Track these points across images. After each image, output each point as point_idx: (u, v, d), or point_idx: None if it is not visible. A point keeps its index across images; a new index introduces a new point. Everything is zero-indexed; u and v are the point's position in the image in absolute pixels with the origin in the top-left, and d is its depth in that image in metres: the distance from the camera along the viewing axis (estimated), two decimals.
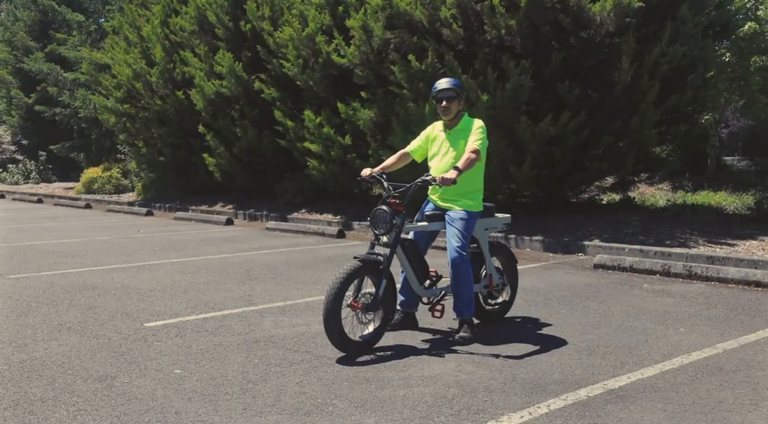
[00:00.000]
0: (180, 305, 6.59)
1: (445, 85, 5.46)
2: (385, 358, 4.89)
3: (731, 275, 7.38)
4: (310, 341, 5.31)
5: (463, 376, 4.45)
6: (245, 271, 8.49)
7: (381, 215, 5.12)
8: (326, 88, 13.30)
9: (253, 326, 5.81)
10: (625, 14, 9.65)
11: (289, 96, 14.29)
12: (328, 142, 13.03)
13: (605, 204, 12.65)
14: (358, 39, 12.14)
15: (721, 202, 12.17)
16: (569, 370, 4.53)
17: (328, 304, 4.78)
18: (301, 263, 9.12)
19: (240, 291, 7.25)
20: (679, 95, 10.60)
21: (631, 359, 4.73)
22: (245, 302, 6.74)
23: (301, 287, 7.43)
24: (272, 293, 7.17)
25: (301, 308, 6.43)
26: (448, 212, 5.40)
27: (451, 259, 5.21)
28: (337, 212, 13.75)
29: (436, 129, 5.66)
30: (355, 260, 4.99)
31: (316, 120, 13.11)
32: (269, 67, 14.44)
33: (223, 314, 6.23)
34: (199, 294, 7.11)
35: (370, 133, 12.62)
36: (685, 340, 5.21)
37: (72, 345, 5.27)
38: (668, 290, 7.15)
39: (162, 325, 5.87)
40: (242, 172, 15.90)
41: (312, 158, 13.58)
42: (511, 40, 10.35)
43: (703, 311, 6.15)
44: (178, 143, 17.84)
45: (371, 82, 12.43)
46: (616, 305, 6.43)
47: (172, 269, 8.64)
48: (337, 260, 9.24)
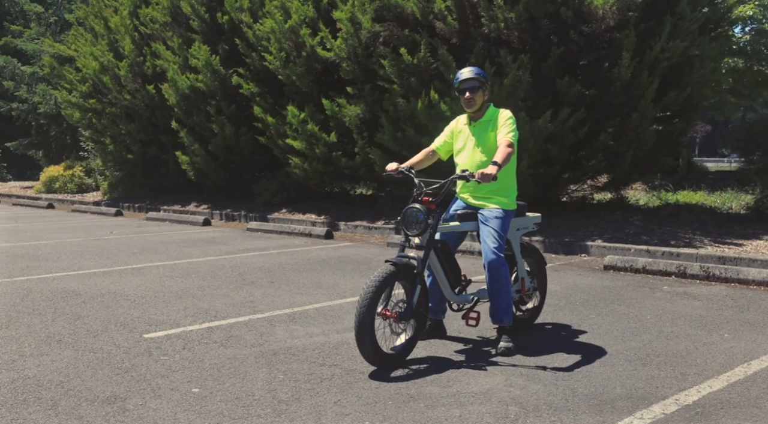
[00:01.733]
0: (178, 314, 6.06)
1: (468, 75, 5.04)
2: (421, 372, 4.46)
3: (752, 276, 7.13)
4: (334, 353, 4.85)
5: (516, 391, 4.04)
6: (238, 274, 7.97)
7: (414, 215, 4.68)
8: (310, 83, 12.80)
9: (265, 336, 5.33)
10: (627, 8, 9.37)
11: (269, 91, 13.75)
12: (313, 139, 12.52)
13: (597, 204, 12.40)
14: (346, 32, 11.67)
15: (715, 202, 12.03)
16: (630, 383, 4.16)
17: (362, 313, 4.33)
18: (295, 265, 8.63)
19: (239, 297, 6.74)
20: (678, 92, 10.38)
21: (690, 370, 4.39)
22: (249, 309, 6.24)
23: (305, 293, 6.95)
24: (275, 298, 6.67)
25: (312, 316, 5.96)
26: (481, 211, 4.98)
27: (488, 261, 4.79)
28: (320, 211, 13.26)
29: (460, 123, 5.24)
30: (387, 264, 4.55)
31: (299, 116, 12.60)
32: (248, 61, 13.87)
33: (228, 323, 5.72)
34: (195, 301, 6.58)
35: (356, 130, 12.17)
36: (736, 347, 4.89)
37: (67, 361, 4.72)
38: (690, 292, 6.86)
39: (164, 336, 5.35)
40: (218, 170, 15.29)
41: (294, 156, 13.06)
42: (509, 34, 10.01)
43: (738, 315, 5.86)
44: (148, 140, 17.16)
45: (358, 77, 11.98)
46: (644, 309, 6.11)
47: (159, 273, 8.08)
48: (332, 263, 8.78)
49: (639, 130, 10.18)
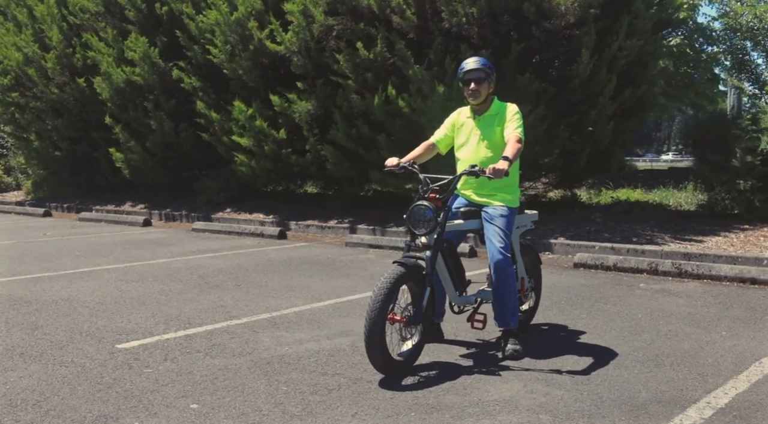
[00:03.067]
0: (147, 321, 5.61)
1: (473, 65, 4.81)
2: (433, 379, 4.20)
3: (724, 272, 7.18)
4: (332, 361, 4.54)
5: (540, 398, 3.84)
6: (199, 277, 7.53)
7: (422, 212, 4.41)
8: (257, 78, 12.34)
9: (251, 343, 4.96)
10: (588, 5, 9.37)
11: (213, 86, 13.22)
12: (261, 136, 12.08)
13: (550, 202, 12.42)
14: (297, 25, 11.29)
15: (662, 199, 12.23)
16: (652, 385, 4.01)
17: (373, 318, 4.04)
18: (256, 267, 8.23)
19: (208, 302, 6.33)
20: (633, 90, 10.47)
21: (706, 371, 4.28)
22: (223, 314, 5.84)
23: (278, 296, 6.59)
24: (248, 303, 6.29)
25: (294, 321, 5.62)
26: (486, 209, 4.75)
27: (494, 262, 4.57)
28: (268, 211, 12.83)
29: (462, 115, 5.00)
30: (396, 265, 4.26)
31: (246, 112, 12.13)
32: (189, 54, 13.29)
33: (206, 330, 5.32)
34: (162, 306, 6.13)
35: (306, 126, 11.80)
36: (740, 345, 4.84)
37: (38, 376, 4.25)
38: (668, 289, 6.85)
39: (139, 346, 4.91)
40: (156, 168, 14.62)
41: (240, 153, 12.58)
42: (469, 29, 9.86)
43: (725, 312, 5.84)
44: (78, 136, 16.31)
45: (309, 72, 11.61)
46: (632, 307, 6.03)
47: (111, 277, 7.55)
48: (294, 264, 8.43)
49: (596, 127, 10.21)
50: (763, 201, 9.61)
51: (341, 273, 7.81)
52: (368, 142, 11.11)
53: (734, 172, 9.65)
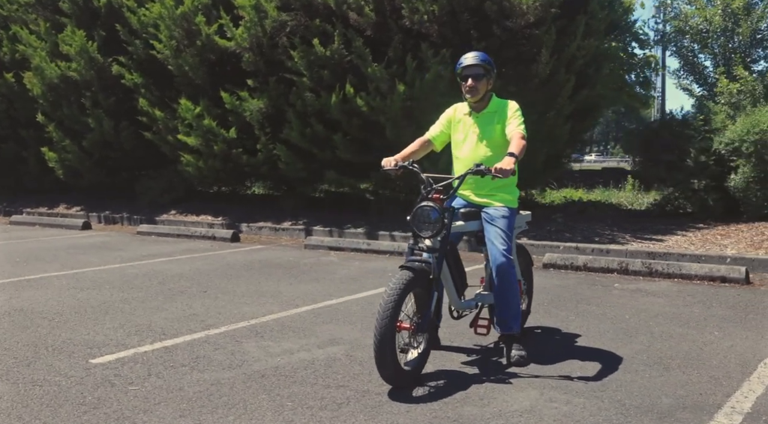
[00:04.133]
0: (117, 332, 5.22)
1: (471, 61, 4.64)
2: (444, 389, 4.00)
3: (694, 271, 7.24)
4: (330, 372, 4.29)
5: (563, 407, 3.69)
6: (159, 284, 7.12)
7: (427, 214, 4.19)
8: (204, 75, 11.89)
9: (237, 355, 4.65)
10: (550, 4, 9.36)
11: (156, 82, 12.69)
12: (210, 135, 11.63)
13: None
14: (249, 20, 10.92)
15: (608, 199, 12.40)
16: (670, 390, 3.92)
17: (383, 327, 3.81)
18: (217, 272, 7.86)
19: (177, 310, 5.96)
20: (589, 91, 10.54)
21: (716, 373, 4.22)
22: (198, 323, 5.50)
23: (250, 302, 6.27)
24: (221, 310, 5.95)
25: (276, 329, 5.33)
26: (486, 209, 4.58)
27: (497, 265, 4.39)
28: (217, 212, 12.38)
29: (458, 112, 4.82)
30: (404, 270, 4.04)
31: (194, 110, 11.67)
32: (131, 49, 12.71)
33: (185, 342, 4.98)
34: (128, 316, 5.73)
35: (258, 125, 11.43)
36: (738, 346, 4.82)
37: (10, 397, 3.85)
38: (643, 288, 6.85)
39: (116, 360, 4.54)
40: (93, 168, 13.94)
41: (187, 153, 12.09)
42: (429, 27, 9.71)
43: (708, 312, 5.85)
44: (5, 135, 15.47)
45: (261, 69, 11.25)
46: (616, 308, 5.98)
47: (63, 285, 7.06)
48: (256, 268, 8.10)
49: (554, 127, 10.22)
50: (717, 200, 9.82)
51: (309, 277, 7.53)
52: (323, 141, 10.84)
53: (688, 172, 9.82)
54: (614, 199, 13.24)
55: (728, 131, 9.61)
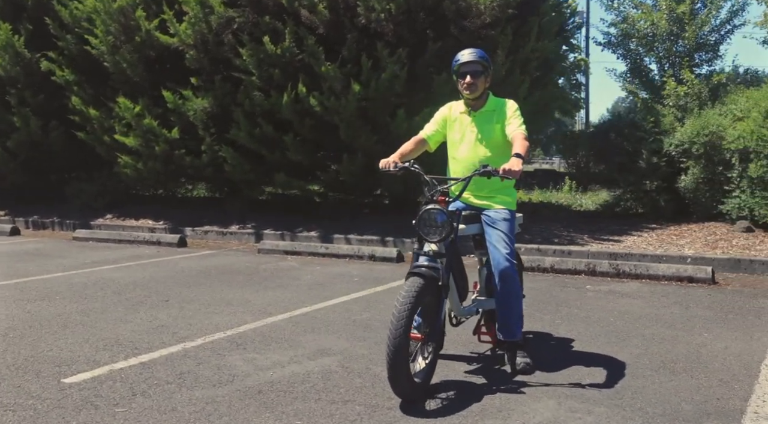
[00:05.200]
0: (83, 348, 4.80)
1: (469, 57, 4.47)
2: (456, 401, 3.80)
3: (662, 271, 7.29)
4: (331, 385, 4.02)
5: (587, 417, 3.55)
6: (114, 293, 6.67)
7: (434, 218, 3.98)
8: (143, 72, 11.34)
9: (224, 369, 4.33)
10: (507, 5, 9.32)
11: (89, 80, 12.06)
12: (150, 136, 11.10)
13: None
14: (193, 16, 10.47)
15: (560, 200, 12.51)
16: (686, 396, 3.84)
17: (397, 340, 3.57)
18: (173, 279, 7.44)
19: (143, 322, 5.56)
20: (542, 92, 10.57)
21: (724, 376, 4.17)
22: (170, 336, 5.12)
23: (219, 311, 5.92)
24: (190, 321, 5.58)
25: (257, 340, 5.02)
26: (486, 212, 4.41)
27: (500, 269, 4.22)
28: (157, 216, 11.84)
29: (454, 110, 4.62)
30: (415, 277, 3.82)
31: (133, 109, 11.11)
32: (61, 44, 12.03)
33: (162, 356, 4.61)
34: (91, 329, 5.30)
35: (202, 125, 10.98)
36: (732, 347, 4.80)
37: None
38: (616, 290, 6.84)
39: (91, 379, 4.15)
40: (17, 170, 13.13)
41: (124, 154, 11.51)
42: (384, 26, 9.52)
43: (688, 312, 5.86)
44: None
45: (205, 67, 10.81)
46: (597, 311, 5.92)
47: (8, 296, 6.53)
48: (214, 274, 7.72)
49: None
50: (668, 201, 9.99)
51: (274, 283, 7.21)
52: (273, 142, 10.49)
53: (640, 173, 9.96)
54: (554, 200, 13.39)
55: (678, 133, 9.80)
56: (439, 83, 9.61)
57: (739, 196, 9.18)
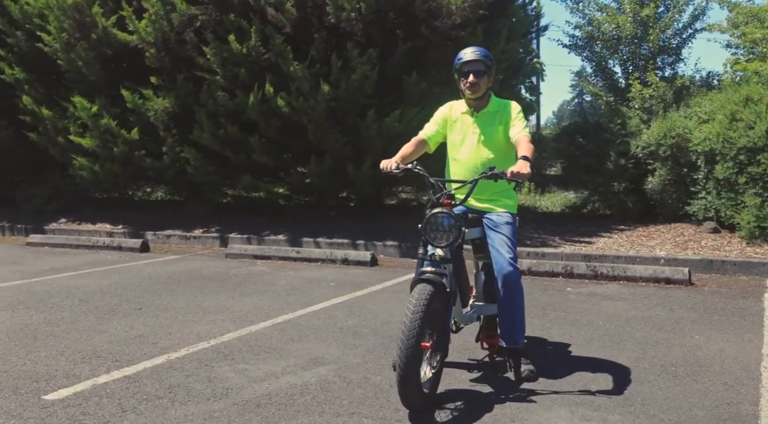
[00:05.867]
0: (59, 361, 4.52)
1: (472, 56, 4.35)
2: (466, 412, 3.67)
3: (639, 273, 7.30)
4: (332, 397, 3.85)
5: None
6: (82, 302, 6.35)
7: (441, 221, 3.84)
8: (99, 71, 10.93)
9: (216, 382, 4.12)
10: (478, 6, 9.26)
11: (41, 78, 11.58)
12: (108, 137, 10.70)
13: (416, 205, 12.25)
14: (154, 13, 10.13)
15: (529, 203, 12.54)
16: (697, 401, 3.79)
17: (410, 350, 3.42)
18: (141, 286, 7.14)
19: (119, 332, 5.28)
20: (511, 93, 10.56)
21: (728, 380, 4.13)
22: (152, 347, 4.87)
23: (197, 319, 5.67)
24: (168, 330, 5.33)
25: (243, 349, 4.80)
26: (488, 215, 4.29)
27: (504, 274, 4.11)
28: (115, 220, 11.42)
29: (455, 111, 4.50)
30: (425, 284, 3.67)
31: (90, 109, 10.69)
32: (10, 41, 11.52)
33: (147, 369, 4.36)
34: (64, 341, 5.01)
35: (163, 126, 10.64)
36: (727, 349, 4.79)
37: None
38: (596, 292, 6.82)
39: (73, 395, 3.89)
40: None
41: (80, 156, 11.06)
42: (354, 26, 9.35)
43: (674, 315, 5.84)
44: None
45: (167, 66, 10.48)
46: (584, 314, 5.87)
47: None
48: (184, 281, 7.45)
49: None
50: (635, 202, 10.08)
51: (249, 289, 6.98)
52: (237, 143, 10.22)
53: (608, 175, 10.02)
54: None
55: (644, 135, 9.89)
56: (409, 84, 9.51)
57: (705, 197, 9.30)
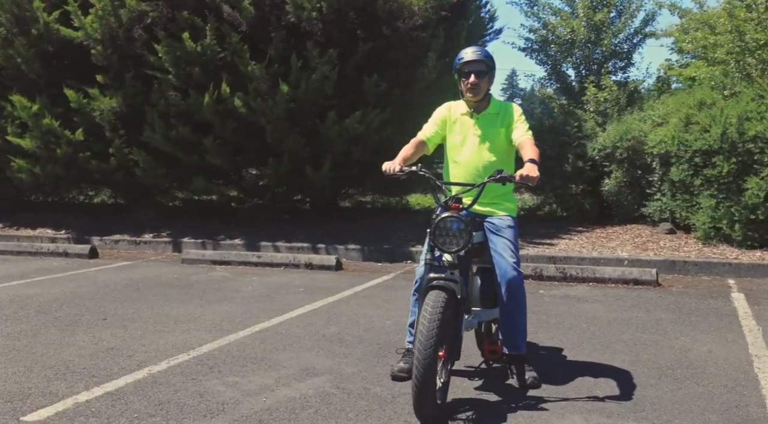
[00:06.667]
0: (30, 378, 4.19)
1: (473, 56, 4.22)
2: (477, 421, 3.56)
3: (608, 274, 7.35)
4: (336, 411, 3.67)
5: None
6: (39, 313, 5.96)
7: (451, 226, 3.71)
8: (40, 68, 10.40)
9: (207, 396, 3.88)
10: (440, 7, 9.20)
11: None
12: (50, 137, 10.18)
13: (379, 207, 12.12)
14: (102, 8, 9.68)
15: None
16: (705, 405, 3.76)
17: (427, 360, 3.28)
18: (99, 295, 6.77)
19: (88, 345, 4.96)
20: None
21: (725, 382, 4.13)
22: (127, 360, 4.57)
23: (169, 329, 5.39)
24: (141, 341, 5.04)
25: (227, 361, 4.56)
26: (490, 219, 4.19)
27: (508, 279, 4.02)
28: (57, 225, 10.89)
29: (454, 111, 4.36)
30: (438, 291, 3.53)
31: (31, 108, 10.14)
32: None
33: (129, 384, 4.08)
34: (29, 356, 4.66)
35: (110, 127, 10.19)
36: (716, 350, 4.81)
37: None
38: (570, 294, 6.82)
39: (55, 415, 3.60)
40: None
41: (18, 157, 10.49)
42: (314, 25, 9.15)
43: (652, 316, 5.87)
44: None
45: (114, 64, 10.04)
46: (564, 317, 5.85)
47: None
48: (144, 289, 7.12)
49: None
50: (592, 204, 10.19)
51: (215, 296, 6.70)
52: (190, 145, 9.88)
53: (566, 177, 10.10)
54: None
55: (601, 138, 10.02)
56: (369, 85, 9.36)
57: (660, 199, 9.47)
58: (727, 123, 8.43)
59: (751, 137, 8.28)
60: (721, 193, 8.54)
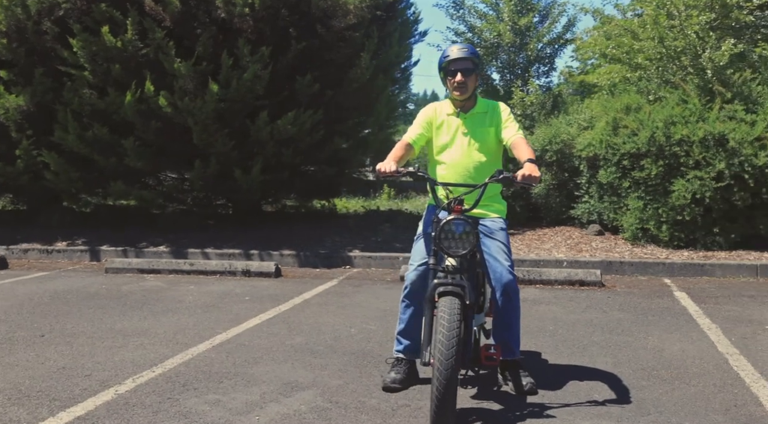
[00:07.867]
0: None
1: (459, 54, 4.07)
2: None
3: (554, 276, 7.40)
4: None
5: None
6: None
7: (456, 229, 3.55)
8: None
9: (193, 417, 3.55)
10: (376, 6, 9.06)
11: None
12: None
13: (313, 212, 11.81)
14: None
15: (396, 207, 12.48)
16: (706, 405, 3.76)
17: (450, 371, 3.12)
18: (25, 309, 6.19)
19: (36, 365, 4.48)
20: (405, 98, 10.45)
21: (712, 380, 4.16)
22: (86, 380, 4.15)
23: (120, 344, 4.96)
24: (94, 359, 4.60)
25: (198, 377, 4.22)
26: (482, 222, 4.04)
27: (504, 283, 3.89)
28: None
29: (440, 112, 4.20)
30: (451, 297, 3.36)
31: None
32: None
33: (98, 408, 3.69)
34: None
35: (16, 127, 9.44)
36: (689, 350, 4.86)
37: None
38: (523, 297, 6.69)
39: None
40: None
41: None
42: (245, 22, 8.80)
43: (611, 316, 5.91)
44: None
45: (21, 59, 9.30)
46: (529, 320, 5.74)
47: None
48: (74, 300, 6.59)
49: (371, 134, 9.92)
50: (522, 206, 10.30)
51: (157, 308, 6.25)
52: (107, 146, 9.28)
53: None
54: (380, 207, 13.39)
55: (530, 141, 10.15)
56: (302, 85, 9.09)
57: (588, 201, 9.68)
58: (655, 127, 8.71)
59: (677, 141, 8.58)
60: (648, 195, 8.81)
